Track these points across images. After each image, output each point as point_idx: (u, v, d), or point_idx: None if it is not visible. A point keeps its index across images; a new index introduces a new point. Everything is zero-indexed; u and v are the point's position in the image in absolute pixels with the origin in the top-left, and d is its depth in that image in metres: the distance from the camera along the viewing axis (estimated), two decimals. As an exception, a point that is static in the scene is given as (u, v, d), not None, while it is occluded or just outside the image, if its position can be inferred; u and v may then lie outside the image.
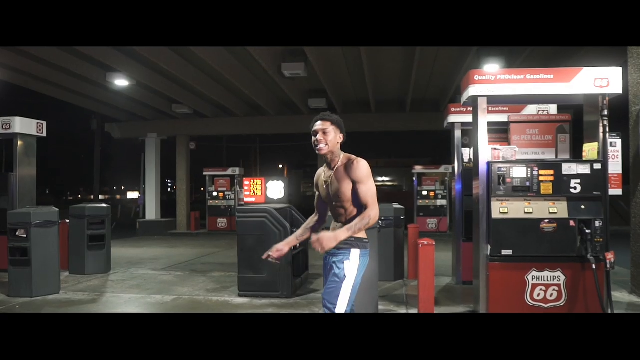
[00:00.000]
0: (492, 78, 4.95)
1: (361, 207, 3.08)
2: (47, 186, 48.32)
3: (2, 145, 9.35)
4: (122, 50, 11.45)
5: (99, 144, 24.49)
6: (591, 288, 4.91)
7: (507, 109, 6.67)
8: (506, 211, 4.95)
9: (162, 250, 12.40)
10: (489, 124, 7.00)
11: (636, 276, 6.57)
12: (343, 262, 3.07)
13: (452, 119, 6.98)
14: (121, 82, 12.77)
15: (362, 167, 3.10)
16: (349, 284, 3.08)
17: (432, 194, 17.54)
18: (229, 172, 18.22)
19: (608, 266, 4.88)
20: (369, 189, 3.08)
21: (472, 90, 4.98)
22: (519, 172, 4.96)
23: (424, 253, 5.31)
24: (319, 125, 3.15)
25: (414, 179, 17.71)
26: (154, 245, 13.70)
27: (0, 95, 21.93)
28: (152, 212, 18.35)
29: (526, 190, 4.96)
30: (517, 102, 5.33)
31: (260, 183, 21.59)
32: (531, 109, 6.53)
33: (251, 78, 13.89)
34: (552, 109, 6.54)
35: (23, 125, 8.14)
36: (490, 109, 6.96)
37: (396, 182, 35.51)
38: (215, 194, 17.95)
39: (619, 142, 5.29)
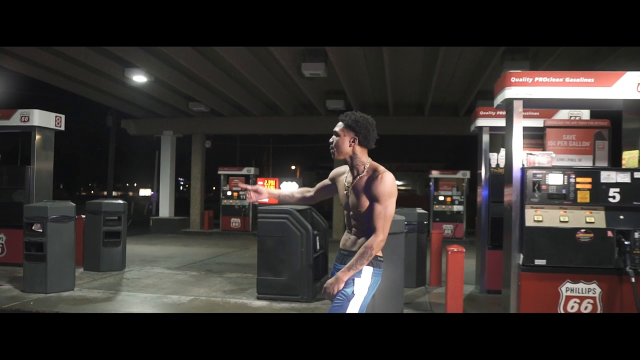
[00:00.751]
0: (530, 80, 4.75)
1: (369, 227, 2.82)
2: (61, 181, 48.61)
3: (19, 138, 9.29)
4: (142, 46, 11.37)
5: (114, 140, 24.50)
6: (628, 302, 4.69)
7: (538, 113, 6.47)
8: (540, 219, 4.75)
9: (176, 249, 12.29)
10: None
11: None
12: (353, 279, 2.78)
13: (481, 122, 6.78)
14: (140, 78, 12.68)
15: (386, 183, 2.79)
16: (357, 303, 2.80)
17: (448, 199, 17.33)
18: (244, 171, 18.11)
19: (647, 280, 4.66)
20: (384, 211, 2.78)
21: (509, 93, 4.78)
22: (555, 179, 4.76)
23: (453, 260, 5.12)
24: (336, 126, 2.95)
25: (431, 183, 17.49)
26: (167, 243, 13.60)
27: (17, 88, 22.06)
28: (165, 209, 18.27)
29: (562, 198, 4.76)
30: (554, 106, 5.15)
31: (274, 184, 21.53)
32: (563, 114, 6.32)
33: (269, 77, 13.76)
34: (585, 114, 6.32)
35: (42, 118, 8.05)
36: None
37: (409, 186, 35.25)
38: (229, 193, 17.83)
39: (659, 150, 5.06)
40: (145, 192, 43.14)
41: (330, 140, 2.91)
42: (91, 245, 8.08)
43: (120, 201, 8.56)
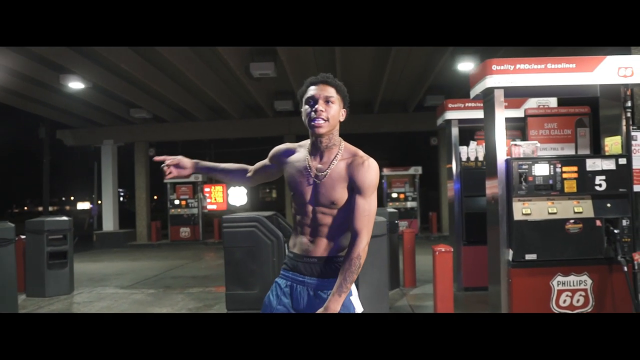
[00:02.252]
0: (511, 68, 4.54)
1: (347, 230, 2.24)
2: (-11, 199, 45.61)
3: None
4: (78, 49, 10.57)
5: (48, 153, 23.08)
6: (619, 292, 4.57)
7: (507, 104, 6.34)
8: (529, 212, 4.55)
9: (125, 264, 11.53)
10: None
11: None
12: (350, 299, 2.25)
13: (450, 115, 6.58)
14: (76, 84, 11.83)
15: (373, 171, 2.22)
16: None
17: (402, 196, 17.29)
18: (192, 178, 17.38)
19: (636, 267, 4.54)
20: (370, 208, 2.21)
21: (490, 82, 4.55)
22: (542, 170, 4.57)
23: (441, 261, 4.85)
24: (319, 90, 2.22)
25: (384, 181, 17.39)
26: (115, 259, 12.79)
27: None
28: (109, 223, 17.29)
29: (549, 189, 4.58)
30: (534, 94, 4.99)
31: (221, 189, 20.88)
32: (531, 104, 6.20)
33: (215, 79, 13.18)
34: (552, 103, 6.22)
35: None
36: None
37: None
38: (177, 202, 17.08)
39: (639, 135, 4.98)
40: (83, 205, 41.16)
41: (320, 108, 2.18)
42: (34, 268, 7.33)
43: (65, 217, 7.83)
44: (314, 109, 2.19)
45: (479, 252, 6.47)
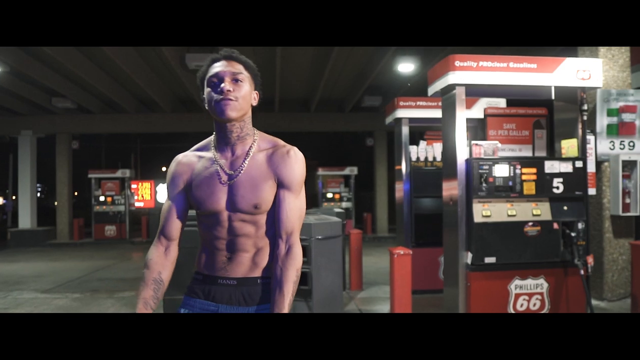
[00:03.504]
0: (474, 65, 4.41)
1: (274, 235, 1.83)
2: None
3: None
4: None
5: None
6: (573, 295, 4.56)
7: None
8: (489, 214, 4.44)
9: (44, 265, 10.64)
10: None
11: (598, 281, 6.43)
12: None
13: (401, 113, 6.41)
14: (-9, 68, 10.79)
15: (300, 162, 1.84)
16: None
17: (337, 196, 17.18)
18: (119, 174, 16.45)
19: (589, 270, 4.55)
20: (302, 207, 1.85)
21: (452, 78, 4.40)
22: (502, 171, 4.47)
23: (400, 265, 4.64)
24: (224, 67, 1.78)
25: (319, 181, 17.22)
26: (33, 259, 11.81)
27: None
28: (26, 219, 16.02)
29: (508, 190, 4.49)
30: (493, 94, 4.91)
31: (149, 186, 20.00)
32: (481, 104, 6.15)
33: (146, 68, 12.45)
34: (502, 104, 6.21)
35: None
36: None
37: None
38: (102, 198, 16.10)
39: (592, 139, 5.02)
40: (-5, 200, 38.34)
41: (227, 87, 1.75)
42: (-62, 270, 6.50)
43: (-24, 214, 7.02)
44: (219, 88, 1.76)
45: (428, 254, 6.37)
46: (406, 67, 11.84)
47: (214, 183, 1.82)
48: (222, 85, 1.76)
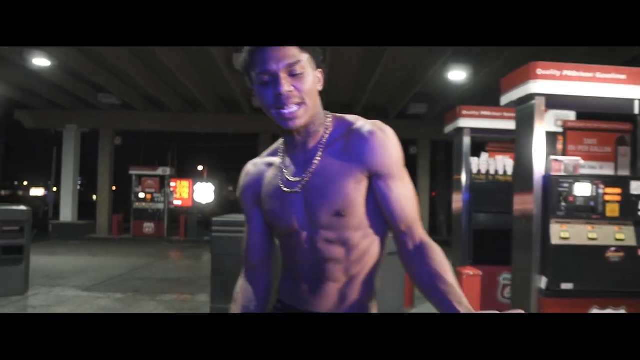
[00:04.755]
0: (558, 74, 4.05)
1: (372, 259, 1.42)
2: None
3: None
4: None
5: (3, 134, 21.73)
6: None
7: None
8: (567, 236, 4.06)
9: (85, 260, 10.64)
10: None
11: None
12: None
13: (463, 123, 6.05)
14: (41, 61, 10.86)
15: (389, 140, 1.36)
16: None
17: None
18: (159, 172, 16.49)
19: (676, 304, 4.13)
20: (410, 193, 1.39)
21: (533, 87, 4.05)
22: (583, 190, 4.09)
23: (469, 286, 4.29)
24: (275, 55, 1.32)
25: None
26: (73, 253, 11.86)
27: None
28: (67, 213, 16.19)
29: (589, 211, 4.11)
30: (574, 106, 4.53)
31: (187, 185, 20.01)
32: (547, 117, 5.75)
33: (192, 68, 12.39)
34: (571, 116, 5.79)
35: None
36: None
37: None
38: (142, 195, 16.15)
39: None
40: (37, 191, 39.26)
41: (287, 88, 1.30)
42: (-17, 263, 6.45)
43: (23, 207, 6.97)
44: (275, 92, 1.31)
45: (487, 273, 5.98)
46: (458, 75, 11.48)
47: (284, 194, 1.42)
48: (280, 88, 1.30)
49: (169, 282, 8.12)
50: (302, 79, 1.32)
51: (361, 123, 1.40)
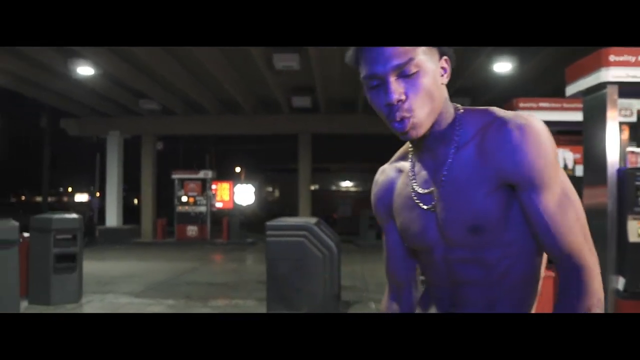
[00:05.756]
0: (632, 59, 3.78)
1: (518, 279, 1.18)
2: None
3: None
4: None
5: (49, 142, 22.29)
6: None
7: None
8: (646, 234, 3.79)
9: (132, 265, 10.75)
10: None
11: None
12: None
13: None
14: (85, 70, 11.02)
15: (536, 138, 1.08)
16: None
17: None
18: (201, 175, 16.61)
19: None
20: (569, 205, 1.11)
21: (605, 75, 3.78)
22: (662, 184, 3.81)
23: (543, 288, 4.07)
24: (380, 57, 1.10)
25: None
26: (120, 258, 12.02)
27: None
28: (113, 218, 16.48)
29: (668, 207, 3.82)
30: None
31: (227, 187, 20.07)
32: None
33: (231, 69, 12.36)
34: (636, 106, 5.47)
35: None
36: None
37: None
38: (184, 199, 16.29)
39: None
40: (81, 197, 40.28)
41: (396, 97, 1.09)
42: (38, 272, 6.50)
43: (75, 215, 7.03)
44: (387, 101, 1.09)
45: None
46: (503, 66, 11.16)
47: (414, 206, 1.23)
48: (389, 96, 1.08)
49: (217, 287, 8.09)
50: (415, 80, 1.10)
51: (499, 115, 1.13)
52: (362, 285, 8.02)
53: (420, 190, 1.22)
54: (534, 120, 1.10)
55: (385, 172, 1.35)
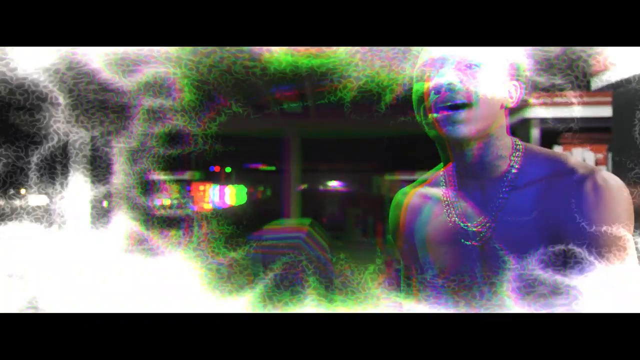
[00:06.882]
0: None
1: None
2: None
3: None
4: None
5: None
6: None
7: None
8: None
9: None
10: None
11: None
12: None
13: (531, 113, 5.50)
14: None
15: (614, 197, 0.95)
16: None
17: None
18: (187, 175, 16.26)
19: None
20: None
21: (642, 64, 3.44)
22: None
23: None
24: (442, 60, 1.01)
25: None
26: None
27: None
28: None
29: None
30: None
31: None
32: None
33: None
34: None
35: None
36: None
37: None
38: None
39: None
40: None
41: (453, 79, 0.98)
42: None
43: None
44: (441, 82, 0.98)
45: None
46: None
47: (452, 243, 1.09)
48: (442, 81, 0.98)
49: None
50: (477, 74, 0.99)
51: (570, 166, 1.00)
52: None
53: (464, 226, 1.07)
54: (616, 179, 0.98)
55: (410, 195, 1.21)
